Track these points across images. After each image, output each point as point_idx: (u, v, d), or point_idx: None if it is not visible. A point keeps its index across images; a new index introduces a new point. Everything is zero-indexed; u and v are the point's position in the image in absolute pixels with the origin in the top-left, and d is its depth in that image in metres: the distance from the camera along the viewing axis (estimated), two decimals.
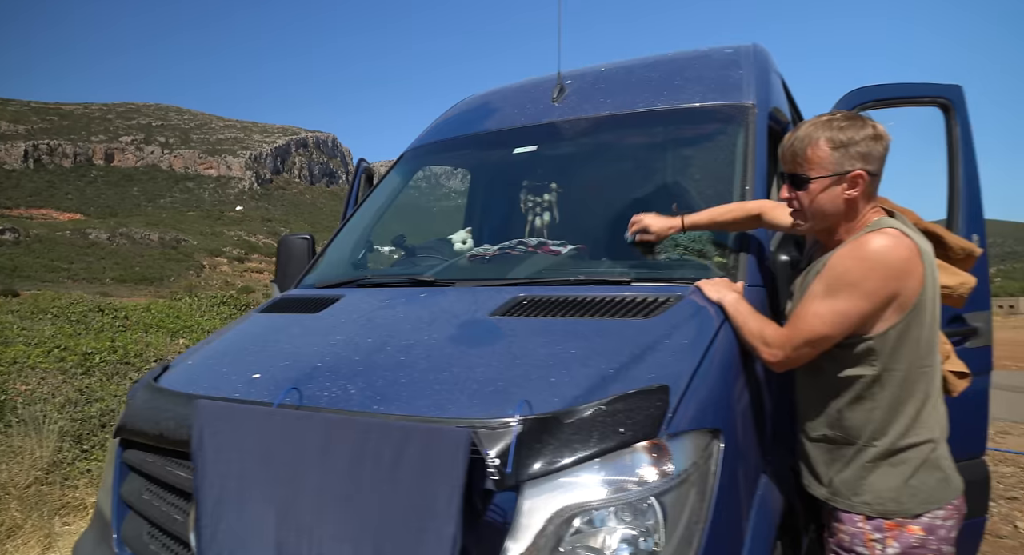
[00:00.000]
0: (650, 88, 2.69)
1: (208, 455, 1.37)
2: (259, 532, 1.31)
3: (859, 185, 1.49)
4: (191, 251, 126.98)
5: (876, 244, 1.46)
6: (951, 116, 2.49)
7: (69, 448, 4.11)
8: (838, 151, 1.49)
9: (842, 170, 1.49)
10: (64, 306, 8.50)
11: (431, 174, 3.36)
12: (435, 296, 2.13)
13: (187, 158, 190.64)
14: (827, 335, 1.51)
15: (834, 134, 1.49)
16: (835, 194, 1.52)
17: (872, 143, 1.48)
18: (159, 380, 1.95)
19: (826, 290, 1.49)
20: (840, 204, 1.53)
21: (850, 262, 1.47)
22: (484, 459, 1.25)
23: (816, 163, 1.51)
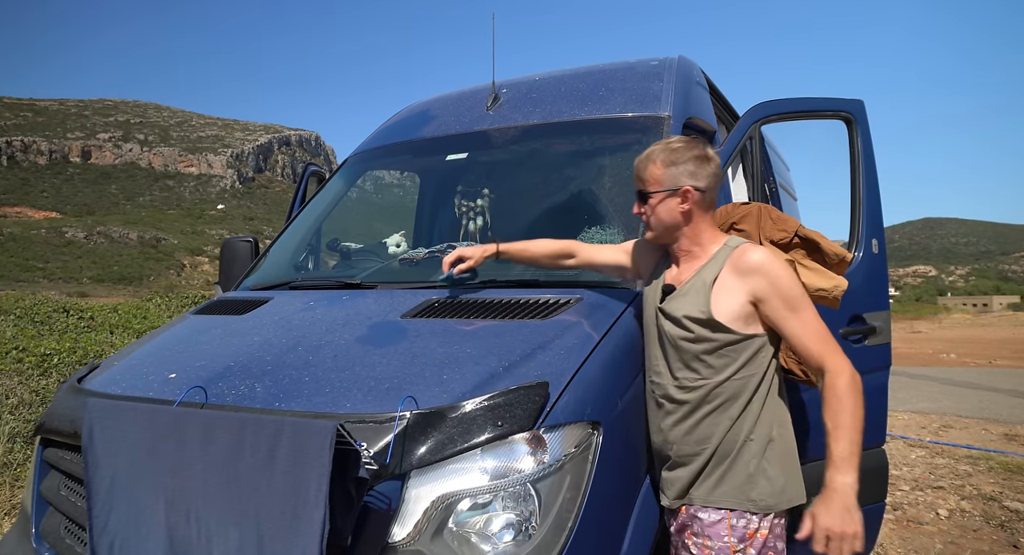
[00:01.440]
0: (577, 98, 2.80)
1: (97, 449, 1.46)
2: (150, 518, 1.40)
3: (689, 199, 1.68)
4: (171, 250, 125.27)
5: (764, 252, 1.67)
6: (853, 129, 2.63)
7: (20, 449, 4.14)
8: (670, 169, 1.68)
9: (674, 186, 1.68)
10: (28, 307, 8.44)
11: (374, 178, 3.44)
12: (356, 298, 2.22)
13: (167, 156, 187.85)
14: None
15: (666, 155, 1.69)
16: (671, 207, 1.70)
17: (699, 163, 1.68)
18: (83, 381, 2.03)
19: (788, 300, 1.62)
20: (677, 216, 1.71)
21: (778, 268, 1.63)
22: (358, 451, 1.35)
23: (653, 181, 1.71)
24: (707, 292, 1.66)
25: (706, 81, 3.09)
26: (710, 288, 1.66)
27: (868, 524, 2.67)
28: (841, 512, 1.48)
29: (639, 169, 1.74)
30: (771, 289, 1.62)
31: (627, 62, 3.06)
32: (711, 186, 1.70)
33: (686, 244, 1.75)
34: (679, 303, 1.70)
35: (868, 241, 2.60)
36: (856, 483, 1.50)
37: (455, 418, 1.47)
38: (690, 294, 1.69)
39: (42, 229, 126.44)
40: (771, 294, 1.62)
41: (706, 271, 1.69)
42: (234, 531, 1.32)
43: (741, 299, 1.64)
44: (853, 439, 1.52)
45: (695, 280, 1.70)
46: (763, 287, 1.62)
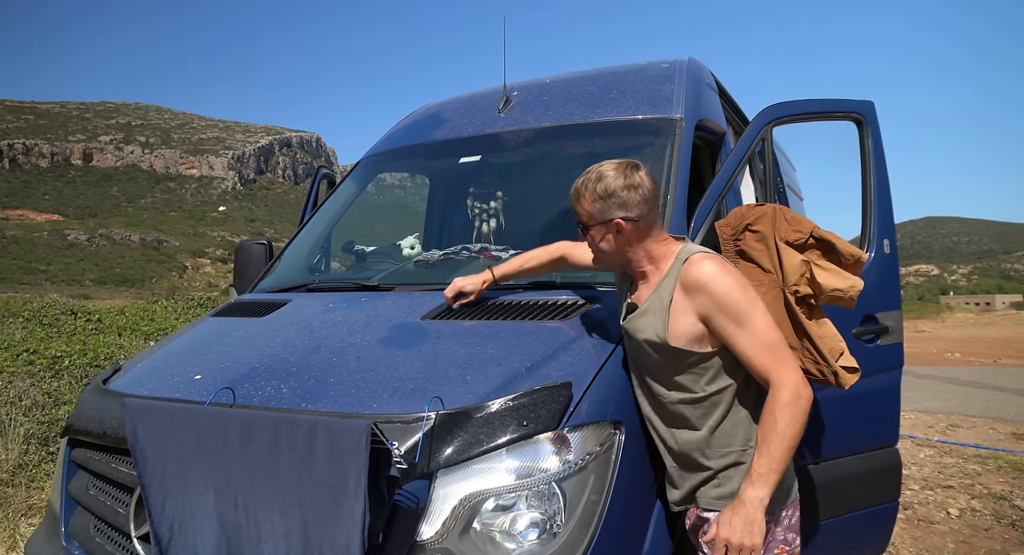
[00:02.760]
0: (588, 100, 2.83)
1: (143, 446, 1.52)
2: (202, 506, 1.47)
3: (623, 232, 1.64)
4: (173, 252, 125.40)
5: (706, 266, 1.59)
6: (864, 130, 2.65)
7: (35, 450, 4.17)
8: (598, 204, 1.64)
9: (605, 219, 1.64)
10: (36, 309, 8.48)
11: (386, 181, 3.47)
12: (375, 300, 2.25)
13: (168, 158, 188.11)
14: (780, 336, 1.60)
15: (595, 188, 1.64)
16: (608, 239, 1.67)
17: (628, 192, 1.62)
18: (108, 382, 2.06)
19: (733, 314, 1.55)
20: (614, 247, 1.67)
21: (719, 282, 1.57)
22: (390, 449, 1.38)
23: (586, 214, 1.67)
24: (664, 314, 1.62)
25: (715, 83, 3.12)
26: (667, 309, 1.62)
27: (881, 523, 2.73)
28: (744, 525, 1.50)
29: (572, 201, 1.70)
30: (714, 306, 1.57)
31: (638, 64, 3.08)
32: (644, 212, 1.64)
33: (637, 265, 1.71)
34: (639, 324, 1.67)
35: (880, 241, 2.62)
36: (767, 498, 1.51)
37: (480, 418, 1.50)
38: (648, 315, 1.65)
39: (44, 231, 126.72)
40: (715, 311, 1.57)
41: (662, 289, 1.65)
42: (279, 518, 1.39)
43: (691, 318, 1.60)
44: (775, 456, 1.50)
45: (653, 299, 1.66)
46: (706, 305, 1.57)
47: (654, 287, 1.67)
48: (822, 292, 2.02)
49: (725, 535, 1.51)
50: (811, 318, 2.07)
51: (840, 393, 2.28)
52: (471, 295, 2.07)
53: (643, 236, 1.66)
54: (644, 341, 1.64)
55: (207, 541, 1.44)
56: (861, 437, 2.65)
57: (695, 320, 1.60)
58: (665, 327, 1.61)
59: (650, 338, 1.63)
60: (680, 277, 1.61)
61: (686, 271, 1.61)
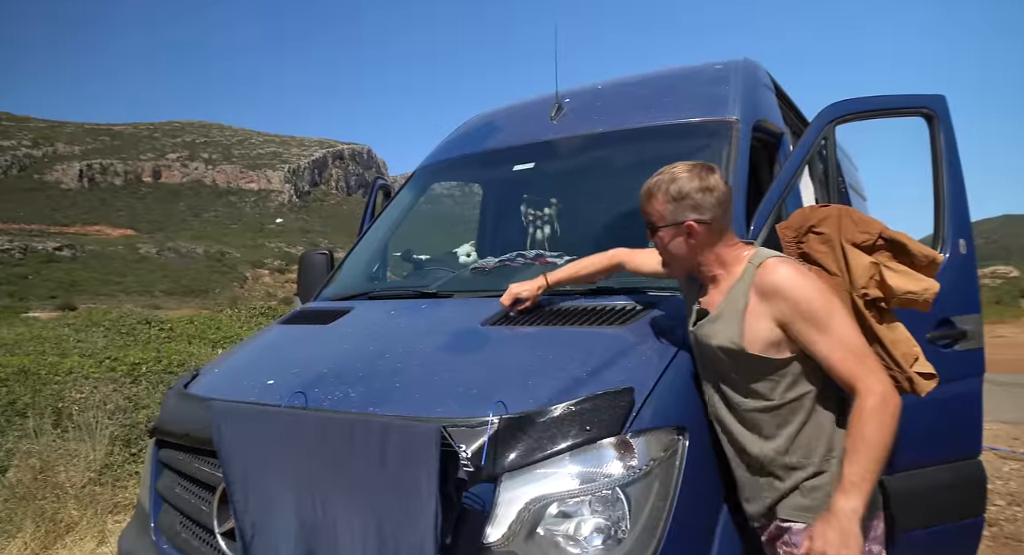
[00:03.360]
0: (641, 105, 2.82)
1: (227, 444, 1.61)
2: (282, 504, 1.55)
3: (695, 235, 1.61)
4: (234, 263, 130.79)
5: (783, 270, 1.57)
6: (935, 126, 2.55)
7: (119, 451, 4.45)
8: (670, 205, 1.61)
9: (677, 221, 1.61)
10: (115, 319, 9.04)
11: (441, 190, 3.55)
12: (435, 307, 2.30)
13: (229, 173, 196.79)
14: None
15: (669, 189, 1.62)
16: (679, 242, 1.64)
17: (703, 195, 1.59)
18: (188, 386, 2.19)
19: (813, 320, 1.52)
20: (684, 250, 1.65)
21: (798, 287, 1.53)
22: (458, 453, 1.41)
23: (657, 216, 1.64)
24: (739, 320, 1.58)
25: (772, 83, 3.05)
26: (743, 315, 1.58)
27: (966, 540, 2.59)
28: (839, 537, 1.44)
29: (643, 202, 1.68)
30: (793, 311, 1.52)
31: (691, 67, 3.06)
32: (718, 215, 1.62)
33: (707, 270, 1.68)
34: (711, 330, 1.63)
35: (955, 242, 2.51)
36: (861, 509, 1.45)
37: (544, 423, 1.52)
38: (722, 320, 1.62)
39: (119, 246, 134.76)
40: (794, 316, 1.53)
41: (735, 294, 1.61)
42: (356, 517, 1.45)
43: (768, 324, 1.56)
44: (866, 466, 1.45)
45: (726, 304, 1.62)
46: (784, 310, 1.53)
47: (726, 292, 1.64)
48: (894, 295, 1.95)
49: (820, 549, 1.45)
50: (882, 322, 1.99)
51: (916, 401, 2.19)
52: (527, 301, 2.09)
53: (715, 240, 1.64)
54: (718, 347, 1.61)
55: (287, 538, 1.51)
56: (941, 448, 2.53)
57: (772, 326, 1.56)
58: (740, 333, 1.57)
59: (724, 344, 1.59)
60: (755, 282, 1.58)
61: (761, 276, 1.57)
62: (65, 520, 3.72)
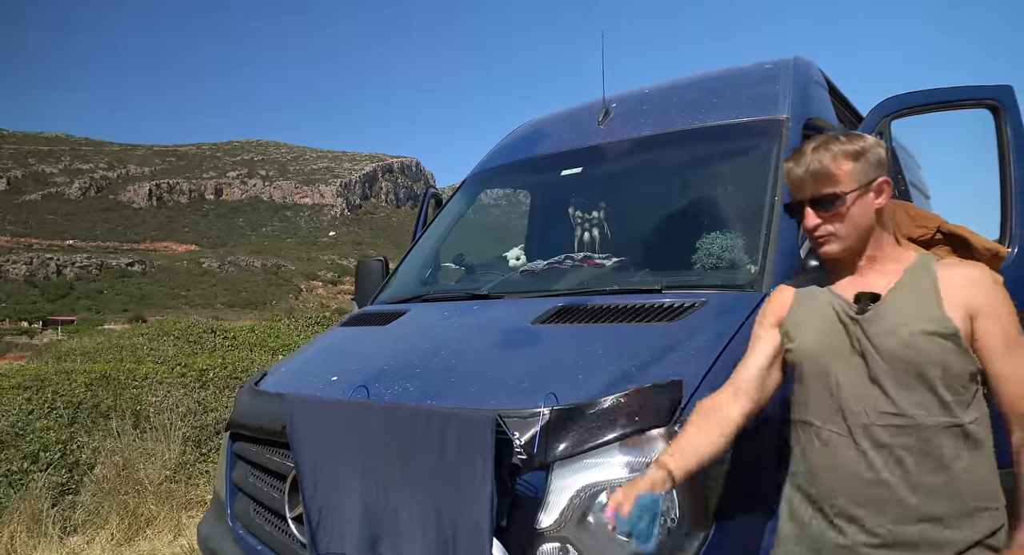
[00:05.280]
0: (689, 107, 2.84)
1: (299, 433, 1.73)
2: (348, 489, 1.65)
3: (885, 192, 1.41)
4: (290, 276, 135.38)
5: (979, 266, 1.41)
6: (1001, 117, 2.46)
7: (191, 451, 4.72)
8: (859, 162, 1.39)
9: (868, 179, 1.39)
10: (183, 329, 9.56)
11: (491, 197, 3.65)
12: (486, 308, 2.38)
13: (285, 189, 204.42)
14: None
15: (846, 147, 1.40)
16: (866, 206, 1.40)
17: (879, 150, 1.42)
18: (259, 384, 2.33)
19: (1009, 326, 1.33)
20: (872, 215, 1.41)
21: (994, 284, 1.37)
22: (512, 441, 1.48)
23: (843, 178, 1.39)
24: (936, 297, 1.33)
25: (825, 80, 3.02)
26: (938, 293, 1.33)
27: None
28: None
29: (817, 170, 1.40)
30: (988, 305, 1.31)
31: (740, 67, 3.05)
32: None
33: (872, 251, 1.43)
34: (894, 310, 1.34)
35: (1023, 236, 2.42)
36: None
37: (593, 414, 1.57)
38: (910, 301, 1.34)
39: (184, 261, 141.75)
40: (988, 311, 1.31)
41: (917, 273, 1.38)
42: (416, 501, 1.54)
43: (961, 312, 1.31)
44: None
45: (910, 283, 1.37)
46: (979, 299, 1.31)
47: (900, 273, 1.39)
48: None
49: None
50: None
51: None
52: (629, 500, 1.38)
53: (887, 214, 1.44)
54: (916, 334, 1.30)
55: (352, 522, 1.61)
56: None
57: (964, 315, 1.31)
58: (943, 312, 1.31)
59: (927, 328, 1.30)
60: (940, 273, 1.36)
61: (949, 269, 1.37)
62: (145, 514, 3.98)
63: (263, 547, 1.99)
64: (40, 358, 10.23)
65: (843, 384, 1.37)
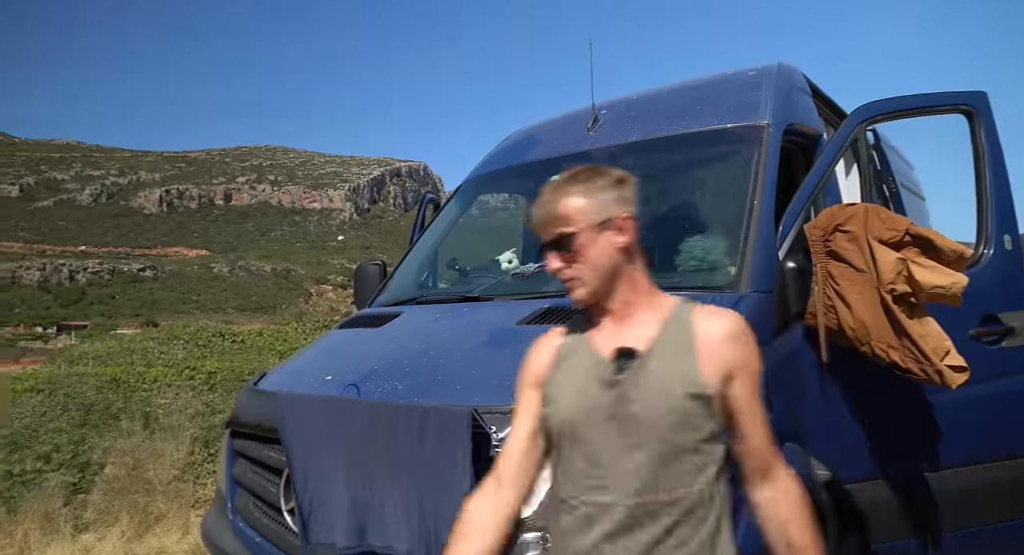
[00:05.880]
0: (674, 113, 2.92)
1: (289, 429, 1.82)
2: (335, 482, 1.74)
3: (627, 229, 1.28)
4: (300, 280, 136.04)
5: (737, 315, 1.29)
6: (975, 123, 2.53)
7: (199, 451, 4.85)
8: (593, 199, 1.27)
9: (604, 217, 1.26)
10: (192, 333, 9.73)
11: (485, 202, 3.74)
12: (476, 310, 2.47)
13: (294, 194, 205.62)
14: None
15: (581, 185, 1.29)
16: (606, 246, 1.27)
17: (622, 186, 1.31)
18: (258, 384, 2.44)
19: (755, 380, 1.27)
20: (614, 255, 1.27)
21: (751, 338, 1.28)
22: (489, 434, 1.57)
23: (576, 217, 1.26)
24: (693, 354, 1.21)
25: (809, 86, 3.09)
26: (693, 349, 1.22)
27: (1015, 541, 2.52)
28: None
29: (551, 212, 1.28)
30: (743, 363, 1.23)
31: (723, 74, 3.13)
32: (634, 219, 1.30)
33: (626, 296, 1.28)
34: (653, 372, 1.21)
35: (999, 238, 2.48)
36: None
37: None
38: (670, 361, 1.22)
39: (195, 266, 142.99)
40: (746, 370, 1.24)
41: (675, 326, 1.25)
42: (400, 494, 1.62)
43: (715, 367, 1.21)
44: None
45: (667, 337, 1.24)
46: (735, 358, 1.22)
47: (659, 325, 1.26)
48: (922, 289, 1.98)
49: None
50: (912, 317, 2.03)
51: (964, 397, 2.19)
52: None
53: (637, 254, 1.31)
54: (668, 400, 1.18)
55: (340, 513, 1.70)
56: (994, 445, 2.49)
57: (720, 372, 1.21)
58: (697, 371, 1.20)
59: (681, 391, 1.18)
60: (699, 326, 1.24)
61: (706, 318, 1.26)
62: (155, 512, 4.10)
63: (261, 539, 2.08)
64: (54, 362, 10.44)
65: (601, 456, 1.21)
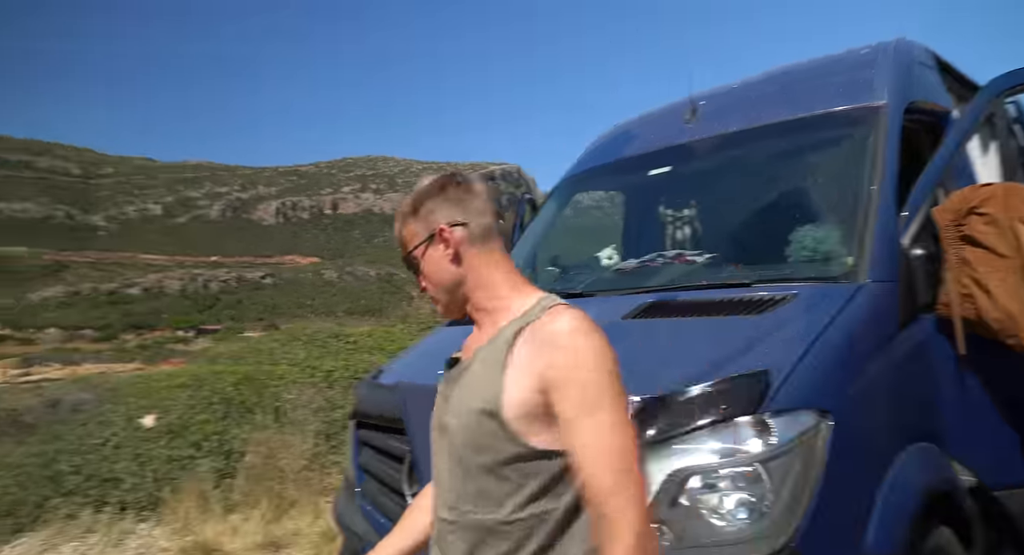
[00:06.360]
0: (779, 99, 2.81)
1: (412, 418, 1.95)
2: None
3: (448, 240, 1.23)
4: (402, 284, 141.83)
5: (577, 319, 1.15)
6: None
7: (323, 444, 5.27)
8: (417, 216, 1.27)
9: (429, 233, 1.25)
10: (310, 335, 10.54)
11: (583, 199, 3.77)
12: (578, 305, 2.51)
13: (395, 201, 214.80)
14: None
15: (411, 205, 1.29)
16: (439, 260, 1.24)
17: (442, 195, 1.26)
18: (376, 378, 2.63)
19: (587, 391, 1.08)
20: (448, 267, 1.24)
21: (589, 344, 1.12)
22: None
23: (408, 237, 1.28)
24: (499, 368, 1.13)
25: (935, 61, 2.86)
26: (503, 361, 1.13)
27: None
28: None
29: (397, 235, 1.31)
30: (564, 371, 1.08)
31: (833, 56, 2.97)
32: (482, 221, 1.25)
33: (484, 304, 1.25)
34: (464, 384, 1.19)
35: None
36: None
37: (680, 402, 1.66)
38: (480, 368, 1.16)
39: (308, 272, 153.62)
40: (563, 379, 1.08)
41: (506, 333, 1.17)
42: None
43: (531, 381, 1.10)
44: None
45: (488, 346, 1.18)
46: (555, 366, 1.09)
47: (498, 333, 1.20)
48: None
49: None
50: None
51: None
52: None
53: (484, 252, 1.24)
54: (467, 413, 1.15)
55: None
56: None
57: (532, 386, 1.10)
58: (497, 386, 1.12)
59: (472, 403, 1.14)
60: (535, 324, 1.15)
61: (544, 323, 1.14)
62: (288, 498, 4.51)
63: (386, 521, 2.25)
64: (195, 361, 11.68)
65: (438, 467, 1.25)
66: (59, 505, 4.58)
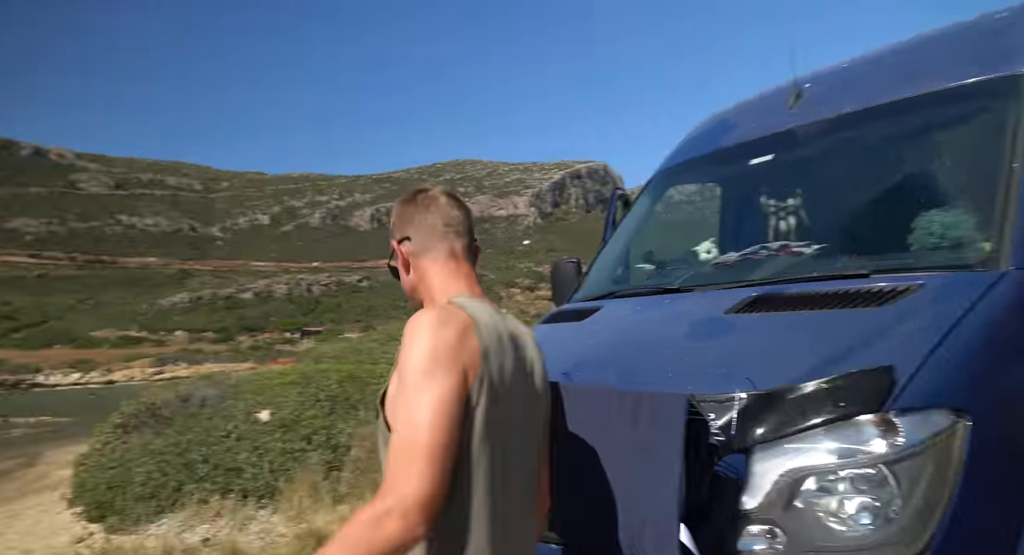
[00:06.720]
0: (898, 75, 2.60)
1: None
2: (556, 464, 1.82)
3: (400, 256, 1.49)
4: (490, 285, 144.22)
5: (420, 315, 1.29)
6: None
7: None
8: (391, 232, 1.53)
9: (392, 243, 1.51)
10: None
11: (679, 192, 3.66)
12: (677, 300, 2.45)
13: (482, 203, 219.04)
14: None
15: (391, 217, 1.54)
16: (399, 268, 1.53)
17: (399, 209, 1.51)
18: None
19: (402, 376, 1.22)
20: (404, 276, 1.51)
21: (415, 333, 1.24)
22: (707, 421, 1.55)
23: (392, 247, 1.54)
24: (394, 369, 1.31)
25: None
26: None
27: None
28: None
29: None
30: (401, 365, 1.22)
31: (958, 23, 2.70)
32: (426, 234, 1.46)
33: (427, 304, 1.47)
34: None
35: None
36: None
37: (794, 399, 1.57)
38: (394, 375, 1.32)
39: None
40: (399, 372, 1.23)
41: None
42: (612, 476, 1.66)
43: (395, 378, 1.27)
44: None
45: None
46: (400, 359, 1.24)
47: None
48: None
49: None
50: None
51: None
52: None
53: (428, 264, 1.46)
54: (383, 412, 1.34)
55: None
56: None
57: (397, 377, 1.27)
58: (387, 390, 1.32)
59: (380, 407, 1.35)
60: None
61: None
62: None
63: None
64: (302, 361, 12.46)
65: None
66: (193, 490, 5.06)
